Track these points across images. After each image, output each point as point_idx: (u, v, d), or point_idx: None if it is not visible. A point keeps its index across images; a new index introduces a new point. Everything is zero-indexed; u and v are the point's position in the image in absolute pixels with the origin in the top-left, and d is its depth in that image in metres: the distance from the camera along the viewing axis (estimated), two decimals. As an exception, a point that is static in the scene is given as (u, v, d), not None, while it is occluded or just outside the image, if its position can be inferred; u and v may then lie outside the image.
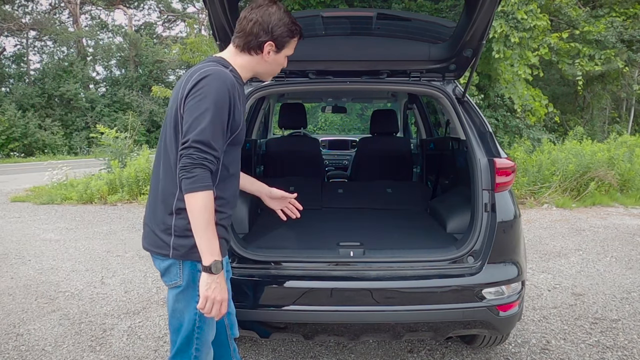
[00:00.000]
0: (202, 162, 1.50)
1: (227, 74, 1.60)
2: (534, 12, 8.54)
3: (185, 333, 1.70)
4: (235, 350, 2.03)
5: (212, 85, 1.55)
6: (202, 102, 1.53)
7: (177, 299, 1.68)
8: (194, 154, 1.50)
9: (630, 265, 4.59)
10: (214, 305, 1.56)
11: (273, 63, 1.75)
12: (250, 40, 1.67)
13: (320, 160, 4.50)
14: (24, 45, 30.85)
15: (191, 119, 1.53)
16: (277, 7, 1.68)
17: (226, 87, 1.56)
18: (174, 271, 1.64)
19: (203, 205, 1.50)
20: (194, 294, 1.63)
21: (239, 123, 1.66)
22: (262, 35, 1.66)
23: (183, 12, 35.55)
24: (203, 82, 1.55)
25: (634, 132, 17.62)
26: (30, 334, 3.18)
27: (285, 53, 1.75)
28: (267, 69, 1.76)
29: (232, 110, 1.59)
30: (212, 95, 1.53)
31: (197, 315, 1.66)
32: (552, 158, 8.41)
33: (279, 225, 2.64)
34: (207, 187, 1.51)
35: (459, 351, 2.86)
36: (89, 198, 8.51)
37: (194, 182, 1.49)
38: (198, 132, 1.50)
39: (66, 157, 22.79)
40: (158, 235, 1.65)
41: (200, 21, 29.39)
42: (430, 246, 2.46)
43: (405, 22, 2.99)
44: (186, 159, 1.50)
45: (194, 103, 1.54)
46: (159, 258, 1.67)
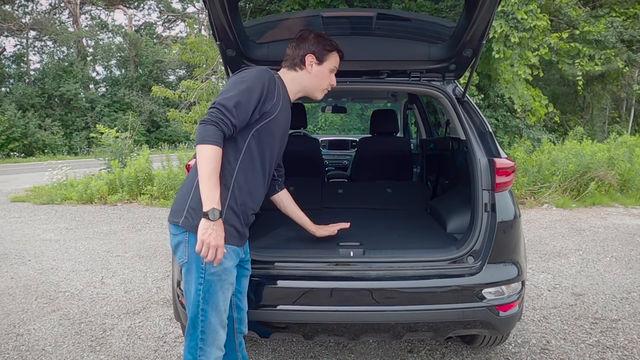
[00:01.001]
0: (218, 122, 1.68)
1: (270, 71, 1.87)
2: (534, 12, 8.54)
3: (192, 314, 1.79)
4: (242, 345, 2.08)
5: (251, 73, 1.83)
6: (237, 82, 1.78)
7: (186, 279, 1.80)
8: (214, 113, 1.69)
9: (630, 265, 4.59)
10: (210, 249, 1.67)
11: (318, 75, 1.99)
12: (294, 58, 1.97)
13: (320, 160, 4.49)
14: (24, 45, 30.87)
15: (227, 89, 1.77)
16: (314, 32, 2.00)
17: (264, 77, 1.82)
18: (181, 249, 1.77)
19: (209, 157, 1.65)
20: (198, 274, 1.75)
21: (272, 110, 1.84)
22: (303, 52, 1.96)
23: (183, 12, 35.57)
24: (244, 71, 1.85)
25: (634, 132, 17.62)
26: (30, 334, 3.18)
27: (327, 66, 2.00)
28: (313, 82, 2.00)
29: (263, 96, 1.80)
30: (248, 81, 1.78)
31: (199, 297, 1.75)
32: (552, 158, 8.41)
33: (279, 225, 2.64)
34: (216, 142, 1.67)
35: (459, 351, 2.86)
36: (89, 198, 8.51)
37: (206, 135, 1.66)
38: (224, 98, 1.72)
39: (66, 157, 22.80)
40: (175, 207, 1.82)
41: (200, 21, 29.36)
42: (430, 246, 2.46)
43: (405, 22, 2.99)
44: (207, 115, 1.69)
45: (231, 81, 1.81)
46: (172, 232, 1.80)
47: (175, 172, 8.69)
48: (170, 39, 33.48)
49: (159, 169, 8.88)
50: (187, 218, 1.74)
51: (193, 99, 10.12)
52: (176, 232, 1.78)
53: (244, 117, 1.75)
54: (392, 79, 2.69)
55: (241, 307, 2.03)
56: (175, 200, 1.83)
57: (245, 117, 1.76)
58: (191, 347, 1.79)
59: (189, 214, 1.74)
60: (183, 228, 1.75)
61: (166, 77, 33.29)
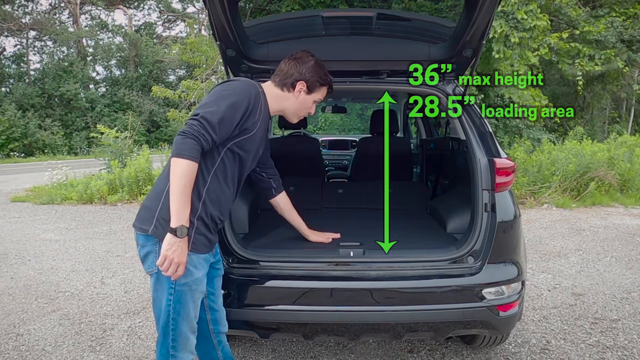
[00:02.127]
0: (198, 137, 1.63)
1: (256, 86, 1.86)
2: (534, 12, 8.55)
3: (162, 323, 1.78)
4: (221, 343, 2.09)
5: (237, 87, 1.79)
6: (223, 94, 1.74)
7: (155, 288, 1.78)
8: (195, 125, 1.64)
9: (630, 265, 4.59)
10: (172, 265, 1.65)
11: (302, 102, 2.00)
12: (286, 78, 1.96)
13: (320, 160, 4.49)
14: (24, 45, 30.86)
15: (208, 100, 1.73)
16: (314, 59, 1.99)
17: (249, 93, 1.79)
18: (150, 259, 1.74)
19: (184, 172, 1.61)
20: (168, 285, 1.73)
21: (251, 128, 1.82)
22: (296, 75, 1.95)
23: (183, 12, 35.54)
24: (231, 83, 1.82)
25: (634, 132, 17.61)
26: (30, 334, 3.18)
27: (314, 97, 2.02)
28: (295, 107, 2.01)
29: (247, 113, 1.78)
30: (234, 95, 1.75)
31: (170, 307, 1.75)
32: (552, 158, 8.41)
33: (279, 225, 2.64)
34: (193, 158, 1.63)
35: (459, 351, 2.86)
36: (89, 198, 8.51)
37: (184, 149, 1.61)
38: (207, 112, 1.67)
39: (66, 157, 22.78)
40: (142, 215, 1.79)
41: (200, 21, 29.35)
42: (430, 246, 2.46)
43: (405, 22, 2.99)
44: (188, 127, 1.64)
45: (216, 91, 1.77)
46: (140, 242, 1.77)
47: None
48: (170, 39, 33.46)
49: (159, 169, 8.88)
50: (157, 227, 1.70)
51: (193, 99, 10.12)
52: (145, 242, 1.74)
53: (225, 133, 1.72)
54: (392, 79, 2.69)
55: (215, 308, 2.03)
56: (143, 207, 1.78)
57: (226, 133, 1.73)
58: (162, 354, 1.80)
59: (159, 223, 1.70)
60: (153, 238, 1.71)
61: (166, 77, 33.27)
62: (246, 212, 2.74)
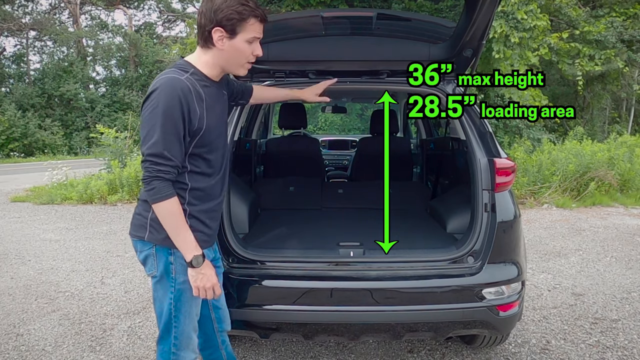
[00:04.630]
0: (158, 175, 1.56)
1: (179, 80, 1.59)
2: (534, 12, 8.54)
3: (164, 321, 1.78)
4: (225, 342, 2.08)
5: (160, 97, 1.56)
6: (152, 114, 1.56)
7: (155, 289, 1.77)
8: (150, 167, 1.56)
9: (630, 265, 4.59)
10: (206, 292, 1.70)
11: (231, 51, 1.65)
12: (203, 33, 1.63)
13: (320, 160, 4.50)
14: (24, 45, 30.85)
15: (144, 133, 1.57)
16: None
17: (176, 95, 1.56)
18: (150, 262, 1.73)
19: (168, 212, 1.60)
20: (169, 284, 1.73)
21: (199, 126, 1.65)
22: (208, 24, 1.60)
23: (183, 12, 35.51)
24: (153, 95, 1.58)
25: (634, 132, 17.62)
26: (30, 334, 3.18)
27: (242, 38, 1.63)
28: (228, 58, 1.67)
29: (186, 116, 1.59)
30: (161, 107, 1.55)
31: (171, 305, 1.74)
32: (552, 158, 8.41)
33: (279, 225, 2.65)
34: (167, 196, 1.58)
35: (459, 351, 2.86)
36: (89, 198, 8.51)
37: (154, 194, 1.57)
38: (150, 146, 1.55)
39: (66, 157, 22.77)
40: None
41: (200, 21, 29.29)
42: (430, 246, 2.46)
43: (405, 22, 2.99)
44: (144, 171, 1.58)
45: (146, 116, 1.58)
46: (137, 248, 1.76)
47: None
48: (170, 39, 33.46)
49: (159, 169, 8.86)
50: (151, 232, 1.69)
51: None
52: (142, 247, 1.73)
53: (180, 151, 1.61)
54: (392, 79, 2.69)
55: (218, 306, 2.02)
56: (135, 215, 1.76)
57: (181, 149, 1.61)
58: (164, 351, 1.80)
59: (152, 227, 1.68)
60: (149, 242, 1.71)
61: (166, 77, 33.22)
62: (246, 212, 2.74)
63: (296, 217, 3.21)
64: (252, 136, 4.22)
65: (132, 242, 1.78)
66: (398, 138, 5.06)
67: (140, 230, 1.72)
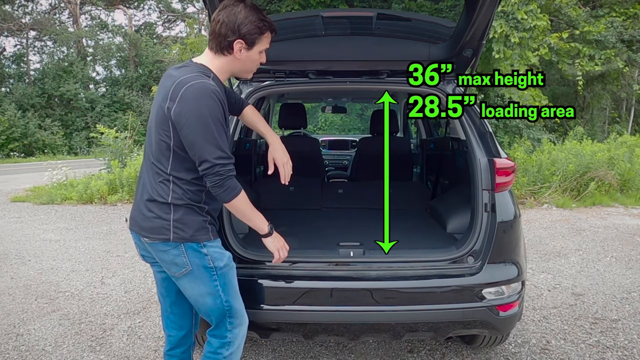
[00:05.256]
0: (229, 174, 1.71)
1: (212, 85, 1.68)
2: (534, 12, 8.54)
3: (218, 309, 1.85)
4: (193, 345, 2.15)
5: (203, 103, 1.64)
6: (202, 123, 1.64)
7: (192, 285, 1.82)
8: (221, 170, 1.68)
9: (630, 265, 4.59)
10: (282, 252, 1.96)
11: (247, 60, 1.80)
12: (220, 41, 1.74)
13: (320, 160, 4.50)
14: (24, 45, 30.85)
15: (201, 141, 1.65)
16: (243, 5, 1.71)
17: (216, 100, 1.67)
18: (180, 260, 1.77)
19: (243, 203, 1.78)
20: (209, 274, 1.80)
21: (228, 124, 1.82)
22: (230, 35, 1.71)
23: (183, 12, 35.53)
24: (193, 103, 1.64)
25: (634, 132, 17.62)
26: (30, 334, 3.18)
27: (258, 49, 1.79)
28: (242, 67, 1.83)
29: (223, 117, 1.72)
30: (208, 113, 1.64)
31: (219, 292, 1.82)
32: (552, 158, 8.41)
33: (279, 225, 2.63)
34: (239, 189, 1.75)
35: (459, 351, 2.86)
36: (89, 198, 8.51)
37: (229, 192, 1.72)
38: (214, 151, 1.66)
39: (66, 157, 22.78)
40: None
41: (200, 21, 29.42)
42: (430, 246, 2.46)
43: (405, 22, 2.99)
44: (216, 176, 1.68)
45: (193, 124, 1.64)
46: (161, 248, 1.78)
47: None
48: (170, 39, 33.46)
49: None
50: (176, 232, 1.74)
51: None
52: (166, 247, 1.77)
53: (229, 144, 1.80)
54: (392, 79, 2.69)
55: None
56: (150, 218, 1.76)
57: (230, 142, 1.83)
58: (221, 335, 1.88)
59: (176, 228, 1.74)
60: (176, 242, 1.75)
61: (166, 77, 33.22)
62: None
63: (296, 217, 3.21)
64: (252, 136, 4.22)
65: (151, 245, 1.80)
66: (398, 138, 5.06)
67: (161, 232, 1.75)
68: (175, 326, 2.04)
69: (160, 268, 1.93)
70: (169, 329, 2.05)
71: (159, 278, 1.99)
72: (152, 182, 1.76)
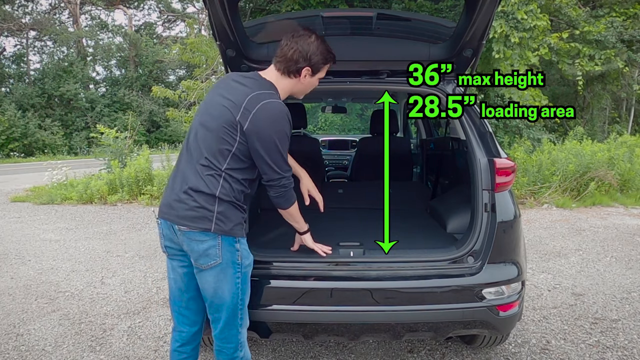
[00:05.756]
0: (291, 186, 1.96)
1: (284, 107, 1.90)
2: (534, 12, 8.53)
3: (232, 307, 1.92)
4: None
5: (280, 123, 1.86)
6: (282, 140, 1.87)
7: (218, 278, 1.89)
8: (286, 183, 1.93)
9: (630, 265, 4.59)
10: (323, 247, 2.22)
11: (307, 85, 2.04)
12: (290, 65, 1.95)
13: (320, 160, 4.49)
14: (24, 45, 30.86)
15: (272, 157, 1.86)
16: (315, 36, 1.95)
17: (287, 119, 1.89)
18: (213, 252, 1.85)
19: (295, 210, 2.05)
20: (234, 270, 1.90)
21: None
22: (301, 62, 1.94)
23: (183, 12, 35.55)
24: (273, 125, 1.84)
25: (634, 132, 17.61)
26: (30, 334, 3.18)
27: (318, 76, 2.04)
28: (302, 89, 2.06)
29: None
30: (287, 132, 1.89)
31: (238, 288, 1.91)
32: (552, 158, 8.40)
33: (279, 225, 2.64)
34: (295, 200, 2.02)
35: (459, 351, 2.86)
36: (89, 198, 8.51)
37: (287, 201, 1.99)
38: (281, 166, 1.89)
39: (66, 157, 22.78)
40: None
41: (200, 21, 29.35)
42: (430, 246, 2.46)
43: (405, 22, 2.99)
44: (280, 188, 1.93)
45: (268, 143, 1.84)
46: (198, 238, 1.84)
47: (175, 172, 8.67)
48: (170, 39, 33.47)
49: (159, 169, 8.89)
50: (218, 224, 1.84)
51: (193, 99, 10.12)
52: (205, 237, 1.84)
53: None
54: (392, 79, 2.69)
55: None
56: (194, 208, 1.84)
57: None
58: (234, 335, 1.95)
59: (218, 220, 1.84)
60: (215, 233, 1.84)
61: (166, 77, 33.28)
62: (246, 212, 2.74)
63: None
64: None
65: (188, 233, 1.85)
66: (398, 138, 5.06)
67: (204, 222, 1.83)
68: (188, 322, 2.05)
69: (182, 262, 1.97)
70: (182, 325, 2.05)
71: (179, 273, 2.01)
72: (198, 174, 1.84)
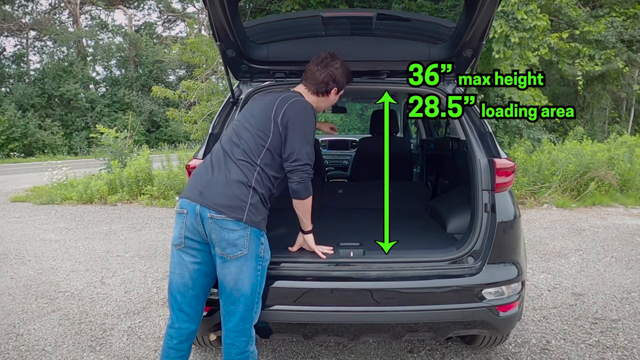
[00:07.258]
0: (311, 177, 2.08)
1: (311, 105, 2.18)
2: (534, 12, 8.53)
3: (250, 300, 1.99)
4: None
5: (310, 113, 2.12)
6: (310, 130, 2.09)
7: (241, 270, 1.96)
8: (309, 170, 2.06)
9: (630, 265, 4.59)
10: (322, 248, 2.27)
11: (331, 100, 2.32)
12: (320, 87, 2.24)
13: (320, 160, 4.49)
14: (24, 45, 30.87)
15: (307, 143, 2.06)
16: (340, 62, 2.25)
17: (314, 116, 2.14)
18: (241, 242, 1.94)
19: (309, 203, 2.14)
20: (256, 262, 1.99)
21: None
22: (331, 84, 2.24)
23: (183, 12, 35.57)
24: (305, 113, 2.10)
25: (634, 132, 17.61)
26: (30, 334, 3.18)
27: (340, 94, 2.33)
28: (326, 104, 2.33)
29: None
30: (312, 121, 2.11)
31: (257, 280, 1.99)
32: (552, 158, 8.40)
33: (279, 225, 2.64)
34: (312, 193, 2.12)
35: (459, 351, 2.86)
36: (89, 198, 8.52)
37: (307, 190, 2.08)
38: (309, 152, 2.06)
39: (66, 157, 22.79)
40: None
41: (200, 21, 29.36)
42: (430, 246, 2.46)
43: (405, 22, 2.99)
44: (304, 173, 2.04)
45: (300, 126, 2.06)
46: (231, 227, 1.92)
47: (175, 172, 8.69)
48: (170, 39, 33.50)
49: (159, 169, 8.88)
50: (249, 215, 1.95)
51: (193, 99, 10.12)
52: (237, 227, 1.93)
53: None
54: (392, 79, 2.69)
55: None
56: (230, 196, 1.95)
57: None
58: (250, 329, 2.02)
59: (250, 211, 1.95)
60: (246, 224, 1.94)
61: (166, 77, 33.30)
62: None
63: (296, 218, 3.20)
64: None
65: (220, 221, 1.92)
66: (398, 138, 5.06)
67: (238, 211, 1.94)
68: (189, 319, 2.08)
69: (195, 257, 2.01)
70: (182, 322, 2.07)
71: (189, 269, 2.03)
72: (235, 165, 2.00)
